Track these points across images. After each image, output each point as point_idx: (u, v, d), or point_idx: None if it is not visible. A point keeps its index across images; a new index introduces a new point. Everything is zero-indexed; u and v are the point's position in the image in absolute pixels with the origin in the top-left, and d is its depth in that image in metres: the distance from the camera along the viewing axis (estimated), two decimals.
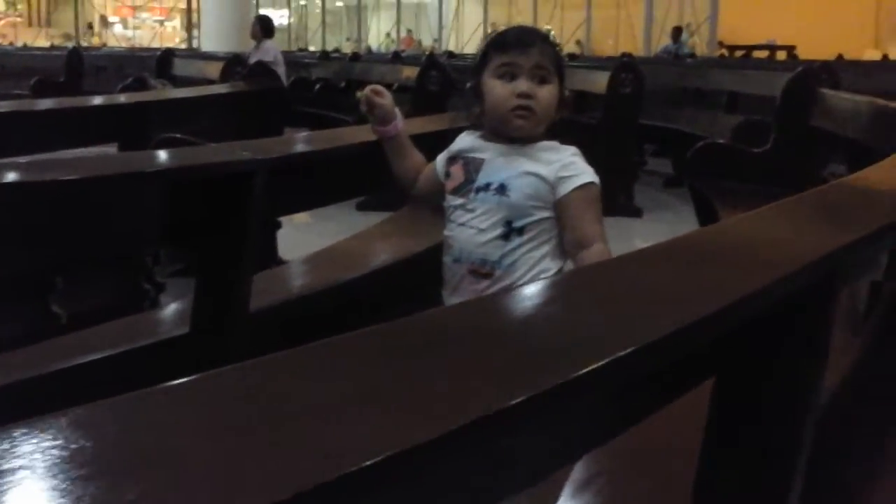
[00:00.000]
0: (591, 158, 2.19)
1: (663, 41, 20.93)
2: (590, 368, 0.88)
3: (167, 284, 4.26)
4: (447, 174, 2.27)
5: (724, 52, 21.71)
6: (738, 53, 21.01)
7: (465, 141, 2.28)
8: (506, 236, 2.13)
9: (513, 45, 2.18)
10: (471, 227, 2.17)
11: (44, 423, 0.64)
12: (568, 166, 2.13)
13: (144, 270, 3.91)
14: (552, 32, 2.26)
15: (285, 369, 0.84)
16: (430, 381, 0.84)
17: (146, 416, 0.71)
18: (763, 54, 20.58)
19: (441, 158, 2.33)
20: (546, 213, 2.12)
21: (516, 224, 2.12)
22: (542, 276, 2.09)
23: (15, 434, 0.62)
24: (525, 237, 2.12)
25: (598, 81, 8.10)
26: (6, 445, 0.61)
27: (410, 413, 0.77)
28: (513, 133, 2.19)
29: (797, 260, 1.29)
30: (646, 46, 22.84)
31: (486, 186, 2.16)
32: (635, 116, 8.14)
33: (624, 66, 8.30)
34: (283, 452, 0.67)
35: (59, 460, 0.61)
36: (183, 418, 0.72)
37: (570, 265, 2.15)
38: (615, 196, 7.51)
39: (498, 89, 2.17)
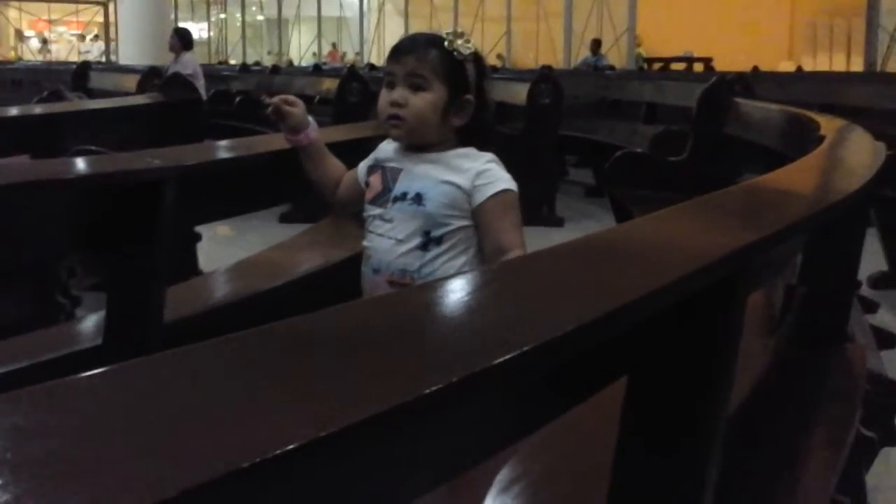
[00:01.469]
0: (513, 169, 2.19)
1: (583, 54, 21.16)
2: (493, 363, 0.88)
3: (84, 298, 4.18)
4: (367, 183, 2.26)
5: (643, 64, 21.99)
6: (657, 66, 21.29)
7: (385, 150, 2.27)
8: (424, 246, 2.12)
9: (392, 53, 2.22)
10: (389, 238, 2.16)
11: None
12: (483, 174, 2.12)
13: (59, 283, 3.84)
14: (449, 38, 2.19)
15: (180, 365, 0.83)
16: (329, 376, 0.84)
17: (22, 418, 0.69)
18: (681, 66, 20.88)
19: (363, 165, 2.32)
20: (464, 222, 2.12)
21: (434, 233, 2.12)
22: None
23: None
24: (444, 246, 2.12)
25: (519, 93, 8.16)
26: None
27: (310, 408, 0.76)
28: (395, 140, 2.22)
29: (700, 258, 1.31)
30: (566, 59, 23.06)
31: (403, 196, 2.16)
32: (555, 127, 8.21)
33: (543, 77, 8.38)
34: (159, 455, 0.66)
35: None
36: (62, 419, 0.70)
37: None
38: (537, 206, 7.56)
39: (380, 98, 2.21)
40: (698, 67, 20.47)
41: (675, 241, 1.49)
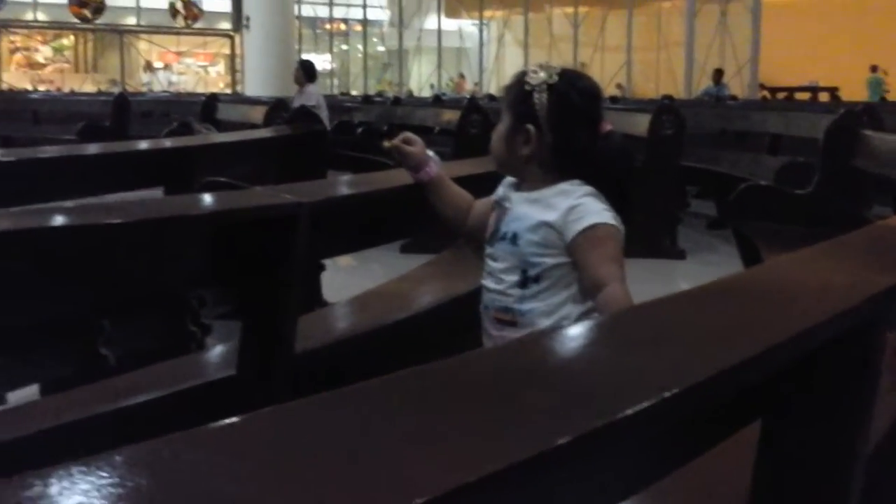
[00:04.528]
0: (634, 201, 2.20)
1: (704, 83, 20.96)
2: (630, 411, 0.88)
3: (213, 326, 4.28)
4: (487, 223, 2.31)
5: (766, 94, 21.67)
6: (780, 95, 20.96)
7: (503, 188, 2.31)
8: (523, 284, 2.17)
9: None
10: (494, 276, 2.23)
11: (100, 461, 0.66)
12: (574, 209, 2.14)
13: (191, 312, 3.93)
14: (530, 70, 2.22)
15: (326, 412, 0.85)
16: (472, 423, 0.85)
17: (197, 456, 0.72)
18: (805, 96, 20.52)
19: (491, 198, 2.36)
20: (560, 259, 2.14)
21: (531, 272, 2.16)
22: (565, 321, 2.11)
23: (73, 472, 0.64)
24: (543, 284, 2.15)
25: (640, 124, 8.10)
26: (66, 483, 0.63)
27: (453, 456, 0.78)
28: None
29: (840, 302, 1.29)
30: (686, 88, 22.84)
31: (504, 236, 2.22)
32: (677, 158, 8.13)
33: (664, 108, 8.31)
34: (322, 496, 0.68)
35: (114, 498, 0.63)
36: (230, 459, 0.73)
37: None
38: (659, 238, 7.49)
39: None
40: (823, 97, 20.12)
41: (812, 284, 1.47)
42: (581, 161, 2.20)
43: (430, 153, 2.49)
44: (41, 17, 30.15)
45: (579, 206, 2.14)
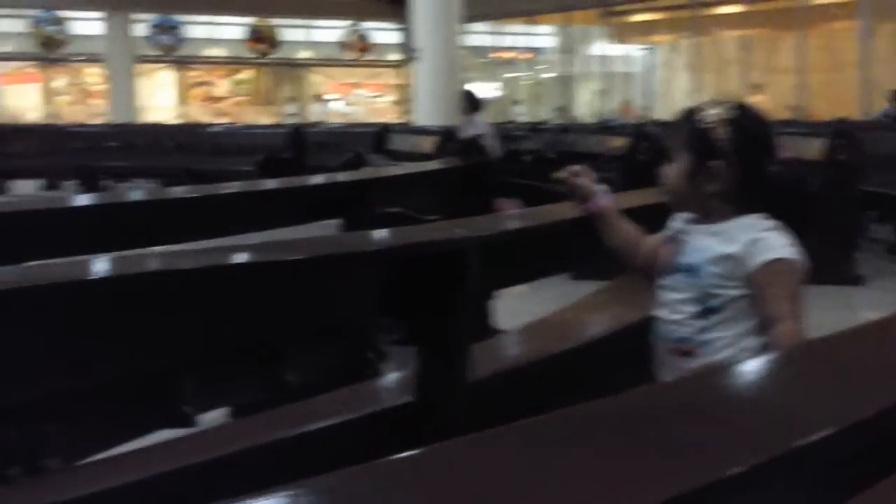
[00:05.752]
0: (810, 227, 2.18)
1: (882, 104, 20.26)
2: (797, 445, 0.91)
3: (388, 352, 4.39)
4: (656, 258, 2.33)
5: None
6: None
7: (678, 221, 2.32)
8: (702, 315, 2.17)
9: None
10: (670, 307, 2.23)
11: (288, 491, 0.73)
12: (756, 242, 2.13)
13: (368, 339, 4.04)
14: (704, 107, 2.24)
15: (496, 447, 0.91)
16: (641, 457, 0.90)
17: (376, 487, 0.79)
18: None
19: (662, 234, 2.37)
20: (741, 291, 2.14)
21: (711, 303, 2.16)
22: (745, 353, 2.10)
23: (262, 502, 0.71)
24: (722, 315, 2.15)
25: (814, 148, 7.92)
26: None
27: (622, 488, 0.83)
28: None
29: None
30: (863, 109, 22.10)
31: (683, 267, 2.22)
32: (854, 183, 7.91)
33: (839, 132, 8.10)
34: None
35: None
36: (406, 492, 0.80)
37: None
38: (836, 265, 7.30)
39: None
40: None
41: None
42: (765, 190, 2.22)
43: (601, 186, 2.51)
44: (220, 52, 31.31)
45: (763, 239, 2.14)
